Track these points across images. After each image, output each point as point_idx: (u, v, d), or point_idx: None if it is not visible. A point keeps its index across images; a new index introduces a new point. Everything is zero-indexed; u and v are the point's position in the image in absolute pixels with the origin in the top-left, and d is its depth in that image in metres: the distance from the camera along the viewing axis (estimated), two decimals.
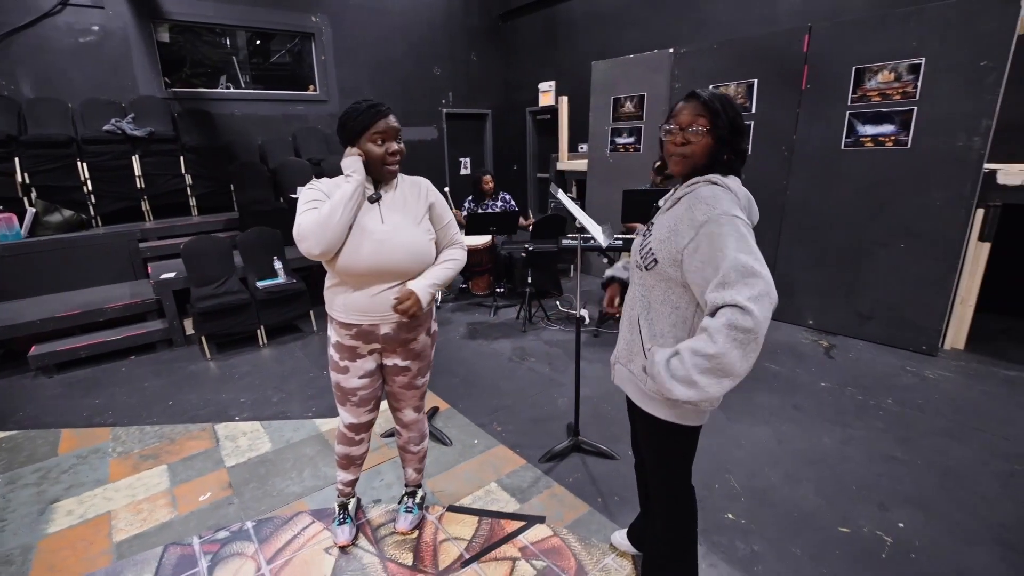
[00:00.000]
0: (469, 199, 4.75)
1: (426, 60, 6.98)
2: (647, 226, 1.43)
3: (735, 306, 1.07)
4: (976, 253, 3.29)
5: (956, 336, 3.49)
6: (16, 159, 4.22)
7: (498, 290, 4.83)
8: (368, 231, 1.51)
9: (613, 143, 5.20)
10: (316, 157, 5.66)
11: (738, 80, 4.11)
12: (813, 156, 3.80)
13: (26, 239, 4.03)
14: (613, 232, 3.66)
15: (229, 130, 5.52)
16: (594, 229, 2.17)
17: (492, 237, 4.60)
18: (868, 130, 3.50)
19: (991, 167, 3.17)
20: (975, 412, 2.75)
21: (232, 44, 5.95)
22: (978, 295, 3.36)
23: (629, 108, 4.99)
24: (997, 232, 3.24)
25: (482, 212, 4.47)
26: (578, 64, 6.27)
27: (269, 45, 6.24)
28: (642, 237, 1.40)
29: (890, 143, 3.43)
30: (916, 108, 3.28)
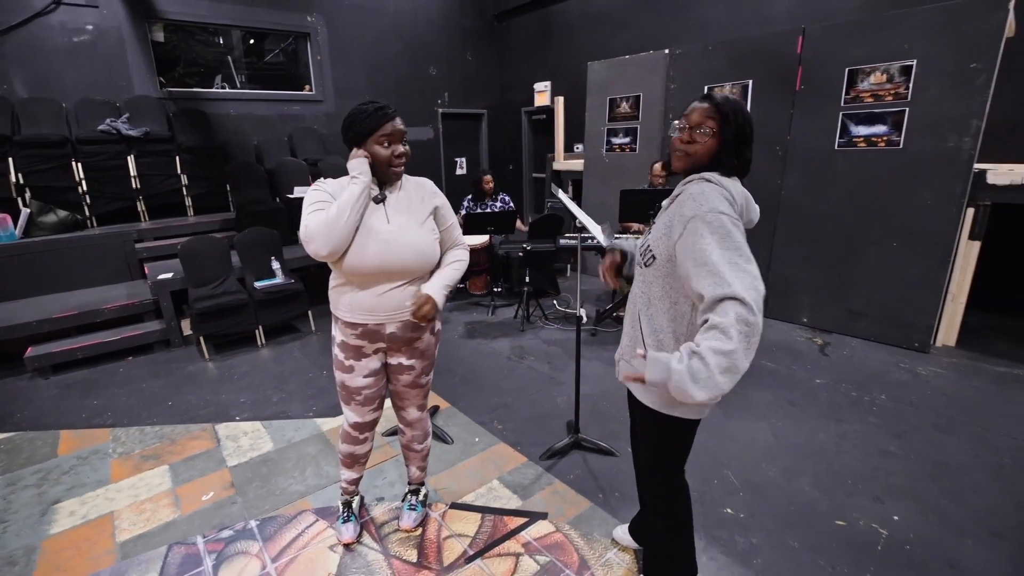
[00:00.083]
0: (468, 198, 4.76)
1: (421, 60, 6.98)
2: (648, 225, 1.46)
3: (735, 299, 1.08)
4: (966, 251, 3.36)
5: (947, 333, 3.55)
6: (10, 159, 4.20)
7: (496, 290, 4.85)
8: (374, 231, 1.53)
9: (609, 143, 5.23)
10: (312, 157, 5.66)
11: (733, 81, 4.15)
12: (807, 156, 3.85)
13: (21, 240, 4.01)
14: (613, 231, 3.69)
15: (225, 130, 5.50)
16: (594, 229, 2.19)
17: (490, 237, 4.62)
18: (861, 130, 3.55)
19: (981, 167, 3.23)
20: (966, 407, 2.80)
21: (226, 43, 5.92)
22: (968, 293, 3.42)
23: (625, 108, 5.02)
24: (987, 231, 3.30)
25: (480, 212, 4.48)
26: (573, 64, 6.30)
27: (263, 45, 6.21)
28: (644, 236, 1.43)
29: (882, 143, 3.48)
30: (908, 109, 3.34)
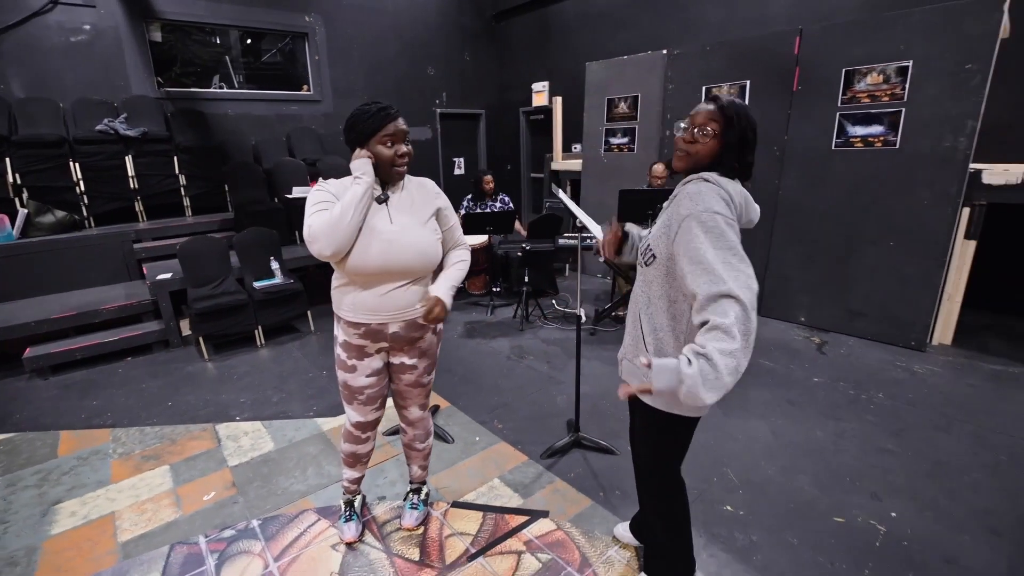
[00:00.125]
0: (468, 198, 4.77)
1: (420, 60, 6.99)
2: (647, 225, 1.48)
3: (731, 297, 1.10)
4: (962, 251, 3.38)
5: (943, 332, 3.58)
6: (7, 159, 4.19)
7: (495, 289, 4.86)
8: (377, 232, 1.54)
9: (607, 143, 5.24)
10: (311, 157, 5.65)
11: (731, 81, 4.17)
12: (804, 156, 3.88)
13: (18, 240, 4.00)
14: None
15: (223, 130, 5.49)
16: (595, 228, 2.21)
17: (489, 237, 4.62)
18: (858, 131, 3.58)
19: (976, 167, 3.26)
20: (962, 405, 2.83)
21: (223, 43, 5.91)
22: (964, 292, 3.45)
23: (623, 109, 5.04)
24: (982, 230, 3.33)
25: (480, 212, 4.49)
26: (571, 65, 6.32)
27: (260, 44, 6.20)
28: (645, 237, 1.45)
29: (879, 143, 3.51)
30: (904, 109, 3.36)
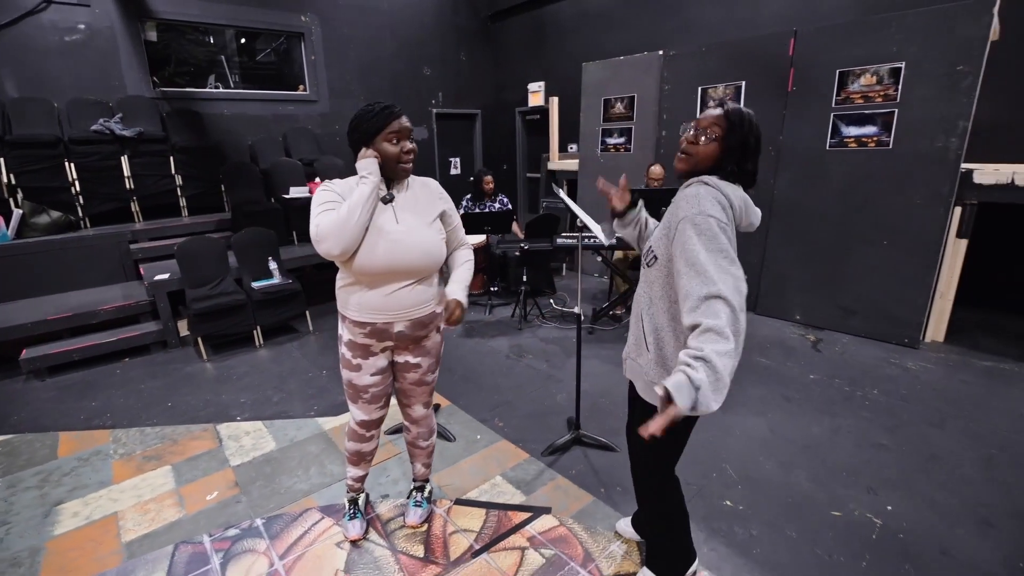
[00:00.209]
0: (468, 198, 4.79)
1: (416, 60, 6.99)
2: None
3: (722, 298, 1.14)
4: (954, 250, 3.44)
5: (936, 329, 3.64)
6: (1, 160, 4.15)
7: (493, 289, 4.88)
8: (384, 232, 1.55)
9: (604, 143, 5.28)
10: (307, 157, 5.64)
11: (727, 82, 4.21)
12: (799, 156, 3.92)
13: (13, 241, 3.97)
14: (614, 230, 3.73)
15: (219, 130, 5.47)
16: (595, 228, 2.23)
17: (487, 237, 4.64)
18: (852, 131, 3.63)
19: (968, 167, 3.31)
20: (955, 401, 2.88)
21: (218, 43, 5.89)
22: (956, 290, 3.51)
23: (620, 109, 5.07)
24: (973, 229, 3.39)
25: (478, 212, 4.51)
26: (567, 65, 6.35)
27: (254, 44, 6.18)
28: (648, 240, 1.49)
29: (872, 144, 3.56)
30: (897, 110, 3.41)
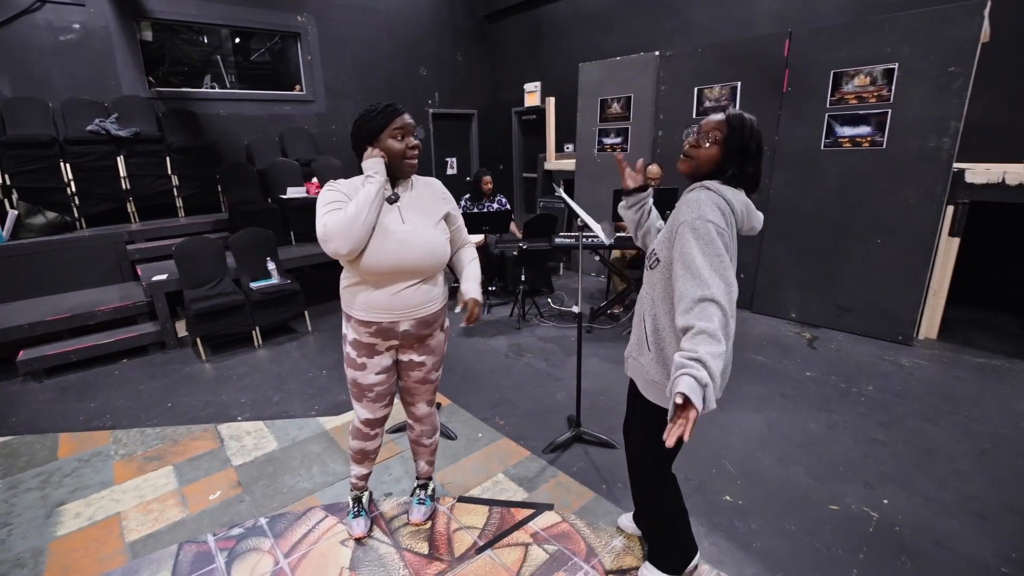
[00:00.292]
0: (467, 197, 4.80)
1: (412, 60, 6.99)
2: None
3: (714, 301, 1.19)
4: (947, 248, 3.49)
5: (929, 326, 3.69)
6: None
7: (491, 288, 4.89)
8: (390, 231, 1.57)
9: (601, 143, 5.30)
10: (304, 157, 5.64)
11: (722, 83, 4.25)
12: (794, 156, 3.97)
13: (8, 242, 3.95)
14: (613, 230, 3.77)
15: (215, 130, 5.45)
16: (596, 227, 2.25)
17: (485, 236, 4.66)
18: (846, 131, 3.67)
19: (960, 166, 3.36)
20: (948, 396, 2.93)
21: (213, 43, 5.87)
22: (949, 288, 3.57)
23: (616, 109, 5.10)
24: (966, 228, 3.44)
25: (477, 212, 4.52)
26: (563, 65, 6.37)
27: (249, 44, 6.17)
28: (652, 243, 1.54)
29: (866, 144, 3.60)
30: (890, 111, 3.46)
